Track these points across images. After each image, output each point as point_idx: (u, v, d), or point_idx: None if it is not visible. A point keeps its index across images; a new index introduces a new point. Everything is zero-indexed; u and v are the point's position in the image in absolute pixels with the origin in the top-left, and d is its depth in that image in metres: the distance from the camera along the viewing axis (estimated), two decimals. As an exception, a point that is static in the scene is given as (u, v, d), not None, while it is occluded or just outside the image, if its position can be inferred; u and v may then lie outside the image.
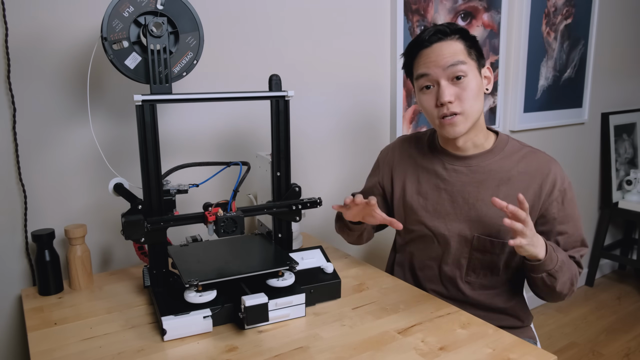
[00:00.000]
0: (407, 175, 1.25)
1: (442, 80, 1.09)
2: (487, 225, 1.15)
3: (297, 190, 1.18)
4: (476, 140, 1.17)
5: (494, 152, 1.17)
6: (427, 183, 1.22)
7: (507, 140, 1.19)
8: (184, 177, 1.36)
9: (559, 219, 1.14)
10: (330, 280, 1.12)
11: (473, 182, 1.16)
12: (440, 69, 1.09)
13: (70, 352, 0.92)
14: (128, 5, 1.01)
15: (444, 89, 1.09)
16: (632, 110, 2.93)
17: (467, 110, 1.09)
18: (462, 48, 1.10)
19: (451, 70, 1.08)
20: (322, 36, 1.65)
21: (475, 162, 1.17)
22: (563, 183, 1.13)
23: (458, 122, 1.10)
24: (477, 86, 1.10)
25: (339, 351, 0.92)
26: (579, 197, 2.75)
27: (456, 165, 1.18)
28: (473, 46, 1.12)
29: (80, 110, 1.28)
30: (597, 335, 2.37)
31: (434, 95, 1.11)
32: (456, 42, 1.10)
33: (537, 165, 1.14)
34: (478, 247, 1.17)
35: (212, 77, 1.46)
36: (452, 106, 1.09)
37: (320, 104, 1.69)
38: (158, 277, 1.08)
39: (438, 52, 1.09)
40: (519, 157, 1.16)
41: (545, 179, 1.13)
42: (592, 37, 2.53)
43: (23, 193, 1.24)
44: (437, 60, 1.09)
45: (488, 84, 1.16)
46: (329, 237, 1.73)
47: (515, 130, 2.29)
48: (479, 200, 1.15)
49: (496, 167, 1.16)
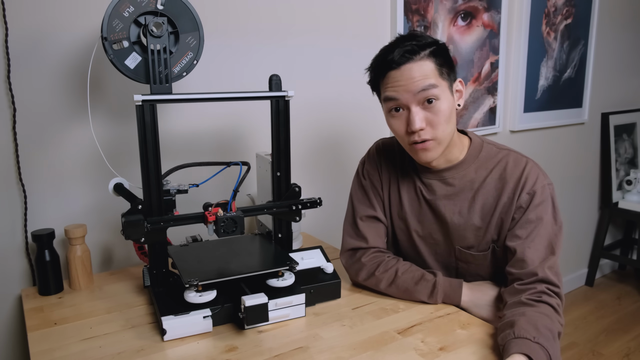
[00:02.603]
0: (391, 187, 1.20)
1: (412, 105, 1.03)
2: (465, 237, 1.12)
3: (297, 190, 1.18)
4: (449, 156, 1.12)
5: (467, 162, 1.12)
6: (407, 196, 1.17)
7: (481, 147, 1.13)
8: (184, 177, 1.36)
9: (525, 220, 1.05)
10: (330, 280, 1.12)
11: (449, 195, 1.12)
12: (410, 94, 1.02)
13: (70, 352, 0.93)
14: (128, 5, 1.01)
15: (414, 115, 1.02)
16: (632, 110, 2.93)
17: (439, 135, 1.04)
18: (433, 68, 1.02)
19: (422, 95, 1.01)
20: (322, 36, 1.65)
21: (450, 174, 1.12)
22: (535, 184, 1.06)
23: (430, 148, 1.05)
24: (449, 108, 1.04)
25: (339, 351, 0.92)
26: (579, 197, 2.75)
27: (431, 179, 1.14)
28: (445, 62, 1.04)
29: (80, 110, 1.28)
30: (597, 335, 2.37)
31: (404, 120, 1.05)
32: (426, 62, 1.02)
33: (510, 170, 1.09)
34: (461, 258, 1.15)
35: (212, 77, 1.46)
36: (423, 133, 1.04)
37: (320, 103, 1.69)
38: (158, 277, 1.08)
39: (408, 75, 1.01)
40: (493, 164, 1.11)
41: (517, 182, 1.07)
42: (592, 37, 2.53)
43: (23, 193, 1.24)
44: (406, 84, 1.02)
45: (459, 98, 1.10)
46: (329, 237, 1.73)
47: (515, 130, 2.29)
48: (455, 214, 1.12)
49: (471, 176, 1.11)
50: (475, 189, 1.11)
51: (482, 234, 1.11)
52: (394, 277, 1.11)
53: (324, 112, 1.70)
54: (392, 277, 1.12)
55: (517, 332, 0.87)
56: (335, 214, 1.77)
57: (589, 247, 2.93)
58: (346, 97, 1.74)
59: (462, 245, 1.13)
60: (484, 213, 1.10)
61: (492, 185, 1.10)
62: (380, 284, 1.13)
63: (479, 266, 1.14)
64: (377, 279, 1.13)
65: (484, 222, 1.10)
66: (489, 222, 1.09)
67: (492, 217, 1.09)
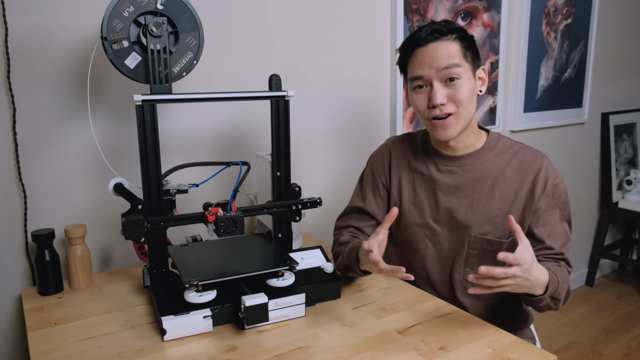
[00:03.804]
0: (402, 178, 1.24)
1: (435, 81, 1.08)
2: (483, 224, 1.15)
3: (297, 190, 1.18)
4: (467, 142, 1.17)
5: (485, 150, 1.17)
6: (422, 187, 1.21)
7: (499, 139, 1.19)
8: (184, 177, 1.36)
9: (547, 209, 1.13)
10: (330, 280, 1.12)
11: (468, 182, 1.16)
12: (434, 70, 1.08)
13: (70, 352, 0.92)
14: (128, 5, 1.01)
15: (436, 90, 1.08)
16: (632, 110, 2.93)
17: (460, 112, 1.09)
18: (458, 49, 1.08)
19: (445, 73, 1.07)
20: (323, 36, 1.65)
21: (469, 161, 1.17)
22: (555, 178, 1.13)
23: (450, 124, 1.10)
24: (471, 88, 1.09)
25: (339, 351, 0.92)
26: (579, 197, 2.75)
27: (450, 166, 1.18)
28: (469, 47, 1.11)
29: (80, 110, 1.28)
30: (597, 335, 2.37)
31: (427, 95, 1.11)
32: (452, 43, 1.08)
33: (529, 162, 1.14)
34: (475, 247, 1.16)
35: (212, 77, 1.46)
36: (444, 108, 1.09)
37: (321, 103, 1.69)
38: (158, 277, 1.08)
39: (433, 52, 1.08)
40: (511, 155, 1.16)
41: (537, 174, 1.13)
42: (592, 37, 2.53)
43: (23, 193, 1.24)
44: (431, 61, 1.08)
45: (482, 85, 1.15)
46: (329, 237, 1.73)
47: (515, 130, 2.29)
48: (474, 200, 1.15)
49: (489, 165, 1.16)
50: (494, 177, 1.15)
51: (500, 222, 1.14)
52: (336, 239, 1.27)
53: (323, 112, 1.70)
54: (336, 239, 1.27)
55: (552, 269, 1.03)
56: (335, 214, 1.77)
57: (589, 247, 2.93)
58: (346, 97, 1.74)
59: (478, 232, 1.15)
60: (503, 202, 1.14)
61: (511, 175, 1.14)
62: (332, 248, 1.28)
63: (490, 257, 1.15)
64: (336, 251, 1.25)
65: (502, 211, 1.14)
66: (508, 210, 1.13)
67: (511, 206, 1.13)
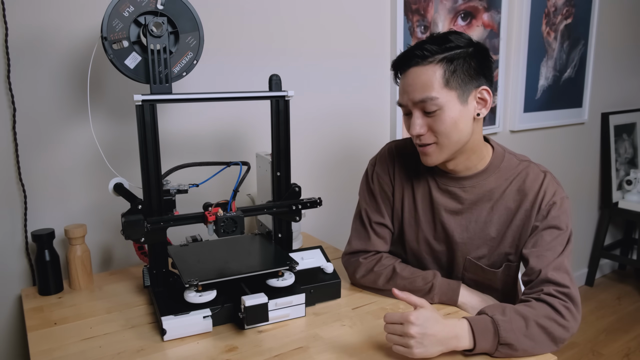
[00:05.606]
0: (404, 191, 1.18)
1: (414, 110, 1.02)
2: (479, 246, 1.10)
3: (297, 190, 1.17)
4: (468, 164, 1.09)
5: (488, 172, 1.10)
6: (422, 203, 1.15)
7: (503, 157, 1.11)
8: (184, 177, 1.36)
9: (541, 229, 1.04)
10: (330, 280, 1.12)
11: (467, 204, 1.10)
12: (410, 101, 1.02)
13: (70, 352, 0.93)
14: (128, 5, 1.01)
15: (414, 120, 1.02)
16: (632, 110, 2.93)
17: (441, 141, 1.02)
18: (440, 76, 0.98)
19: (420, 106, 1.01)
20: (323, 36, 1.65)
21: (469, 183, 1.10)
22: (553, 197, 1.05)
23: (431, 153, 1.04)
24: (456, 117, 1.00)
25: (339, 351, 0.92)
26: (579, 197, 2.75)
27: (449, 186, 1.11)
28: (460, 71, 0.99)
29: (80, 110, 1.28)
30: (597, 335, 2.37)
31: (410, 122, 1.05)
32: (434, 68, 0.98)
33: (530, 183, 1.07)
34: (470, 269, 1.13)
35: (212, 77, 1.46)
36: (423, 138, 1.03)
37: (320, 104, 1.69)
38: (158, 277, 1.08)
39: (411, 80, 1.01)
40: (513, 175, 1.09)
41: (536, 196, 1.06)
42: (592, 37, 2.53)
43: (23, 193, 1.24)
44: (408, 91, 1.02)
45: (482, 107, 1.03)
46: (329, 237, 1.73)
47: (515, 130, 2.29)
48: (472, 222, 1.10)
49: (491, 186, 1.09)
50: (494, 200, 1.09)
51: (496, 245, 1.09)
52: (391, 274, 1.11)
53: (322, 112, 1.70)
54: (390, 274, 1.12)
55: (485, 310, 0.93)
56: (335, 213, 1.77)
57: (589, 247, 2.93)
58: (346, 98, 1.74)
59: (474, 256, 1.11)
60: (501, 224, 1.08)
61: (510, 196, 1.08)
62: (378, 280, 1.13)
63: (486, 282, 1.12)
64: (376, 274, 1.13)
65: (499, 233, 1.09)
66: (505, 233, 1.08)
67: (508, 229, 1.08)
